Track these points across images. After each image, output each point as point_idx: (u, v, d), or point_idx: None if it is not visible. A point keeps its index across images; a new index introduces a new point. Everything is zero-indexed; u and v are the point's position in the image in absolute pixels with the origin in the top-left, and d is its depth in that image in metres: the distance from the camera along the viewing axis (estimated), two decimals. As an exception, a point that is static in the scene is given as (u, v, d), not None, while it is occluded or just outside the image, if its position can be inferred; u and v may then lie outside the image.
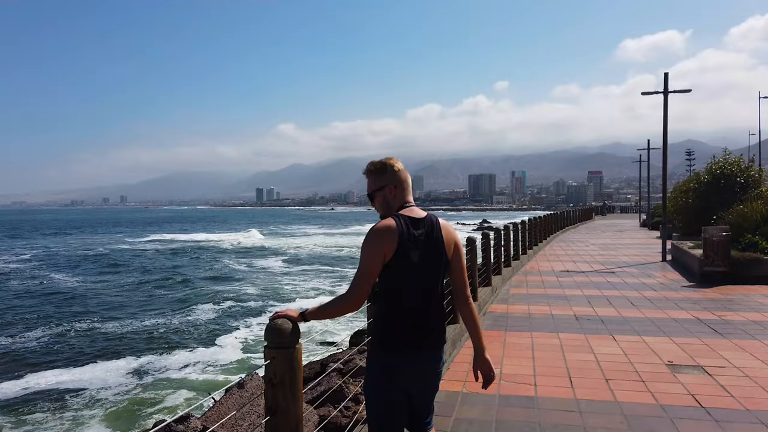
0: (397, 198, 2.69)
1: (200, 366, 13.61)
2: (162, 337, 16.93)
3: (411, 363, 2.58)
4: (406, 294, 2.57)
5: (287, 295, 24.37)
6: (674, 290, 11.09)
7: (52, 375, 12.95)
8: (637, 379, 5.47)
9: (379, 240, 2.50)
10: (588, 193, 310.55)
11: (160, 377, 12.77)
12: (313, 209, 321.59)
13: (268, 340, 2.70)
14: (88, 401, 11.23)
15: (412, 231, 2.55)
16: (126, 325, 18.65)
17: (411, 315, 2.57)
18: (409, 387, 2.62)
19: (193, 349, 15.41)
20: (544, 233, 23.15)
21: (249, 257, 43.01)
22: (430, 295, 2.62)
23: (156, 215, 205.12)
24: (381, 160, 2.77)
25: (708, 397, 4.90)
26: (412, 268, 2.53)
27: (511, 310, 9.21)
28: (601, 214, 63.25)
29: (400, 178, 2.70)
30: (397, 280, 2.55)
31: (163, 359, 14.33)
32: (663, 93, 16.16)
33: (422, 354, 2.60)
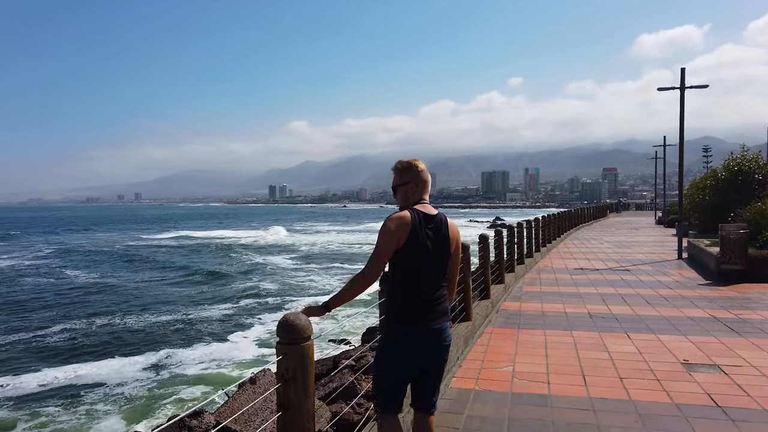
0: (416, 195, 3.10)
1: (215, 361, 13.76)
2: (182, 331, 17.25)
3: (418, 336, 2.95)
4: (415, 277, 2.96)
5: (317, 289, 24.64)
6: (690, 288, 10.96)
7: (71, 369, 13.17)
8: (652, 378, 5.41)
9: (395, 227, 2.90)
10: (603, 190, 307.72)
11: (176, 372, 12.92)
12: (326, 206, 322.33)
13: (281, 336, 2.71)
14: (104, 395, 11.41)
15: (423, 224, 2.96)
16: (149, 320, 18.99)
17: (419, 296, 2.97)
18: (417, 358, 2.99)
19: (209, 343, 15.62)
20: (558, 231, 22.99)
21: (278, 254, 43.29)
22: (436, 280, 3.02)
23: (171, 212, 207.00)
24: (408, 160, 3.18)
25: (724, 397, 4.84)
26: (420, 255, 2.93)
27: (524, 308, 9.16)
28: (616, 211, 62.65)
29: (422, 178, 3.11)
30: (408, 265, 2.94)
31: (180, 354, 14.52)
32: (680, 89, 15.94)
33: (428, 329, 2.96)
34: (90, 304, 22.03)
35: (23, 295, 24.28)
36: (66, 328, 17.72)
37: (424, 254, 2.96)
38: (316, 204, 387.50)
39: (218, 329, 17.44)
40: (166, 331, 17.21)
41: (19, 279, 30.01)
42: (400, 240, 2.90)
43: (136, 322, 18.63)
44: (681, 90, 15.93)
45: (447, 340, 3.05)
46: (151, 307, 21.09)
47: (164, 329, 17.51)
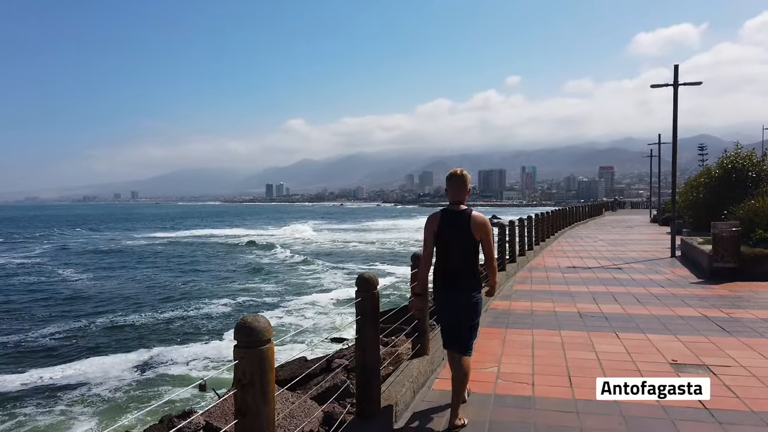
0: (449, 195, 4.31)
1: (207, 360, 13.64)
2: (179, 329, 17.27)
3: (446, 297, 4.24)
4: (443, 256, 4.25)
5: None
6: (682, 287, 10.85)
7: (58, 368, 13.10)
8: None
9: (429, 223, 4.29)
10: (599, 188, 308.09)
11: (163, 371, 12.81)
12: (323, 205, 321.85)
13: (238, 339, 2.57)
14: (86, 395, 11.31)
15: (449, 219, 4.19)
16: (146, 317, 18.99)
17: (445, 269, 4.24)
18: (450, 311, 4.25)
19: (207, 341, 15.59)
20: (552, 229, 22.88)
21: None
22: (458, 259, 4.19)
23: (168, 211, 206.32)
24: (451, 171, 4.38)
25: (712, 399, 4.71)
26: (446, 241, 4.20)
27: (514, 307, 9.03)
28: (612, 209, 62.64)
29: (450, 183, 4.31)
30: (438, 247, 4.26)
31: (173, 352, 14.45)
32: (673, 85, 15.84)
33: (452, 293, 4.21)
34: (92, 303, 21.95)
35: (15, 295, 24.13)
36: (60, 327, 17.60)
37: (448, 241, 4.20)
38: (314, 203, 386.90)
39: (218, 326, 17.38)
40: (168, 328, 17.28)
41: (11, 277, 29.81)
42: (434, 231, 4.22)
43: (134, 319, 18.59)
44: (674, 87, 15.82)
45: (470, 302, 4.18)
46: (150, 306, 20.99)
47: (164, 326, 17.56)
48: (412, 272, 5.07)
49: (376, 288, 4.19)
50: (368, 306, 4.16)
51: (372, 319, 4.18)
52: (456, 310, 4.19)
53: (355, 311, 4.20)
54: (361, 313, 4.17)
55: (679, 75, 15.87)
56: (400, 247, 46.72)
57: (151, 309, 20.41)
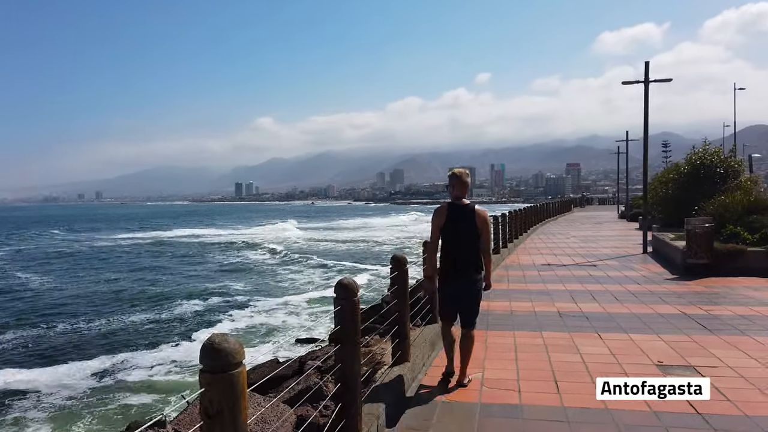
0: (454, 192, 4.89)
1: (174, 365, 13.16)
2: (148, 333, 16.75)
3: (451, 284, 4.91)
4: (449, 246, 4.87)
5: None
6: (658, 283, 10.85)
7: (9, 374, 12.37)
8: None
9: (436, 214, 4.89)
10: (566, 185, 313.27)
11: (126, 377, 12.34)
12: (294, 204, 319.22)
13: (204, 363, 2.24)
14: (39, 403, 10.76)
15: (454, 212, 4.81)
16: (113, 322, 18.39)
17: (451, 258, 4.86)
18: (454, 296, 4.93)
19: (177, 344, 15.10)
20: (524, 226, 22.92)
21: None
22: (463, 248, 4.81)
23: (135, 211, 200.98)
24: (452, 170, 4.99)
25: (704, 403, 4.55)
26: (452, 232, 4.81)
27: (492, 307, 8.83)
28: (580, 206, 63.57)
29: (453, 181, 4.88)
30: (445, 237, 4.87)
31: (139, 356, 13.96)
32: (644, 82, 15.93)
33: (456, 278, 4.87)
34: (52, 309, 21.02)
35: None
36: (16, 333, 16.78)
37: (455, 233, 4.83)
38: (284, 201, 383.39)
39: (188, 328, 16.89)
40: (137, 332, 16.77)
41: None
42: (440, 223, 4.85)
43: (101, 325, 17.93)
44: (645, 84, 15.92)
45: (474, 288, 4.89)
46: (118, 310, 20.21)
47: (133, 330, 17.04)
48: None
49: (357, 295, 3.89)
50: (348, 314, 3.86)
51: (352, 329, 3.88)
52: (462, 293, 4.92)
53: (334, 321, 3.90)
54: (339, 322, 3.87)
55: (649, 72, 15.97)
56: (377, 247, 46.38)
57: (119, 313, 19.70)
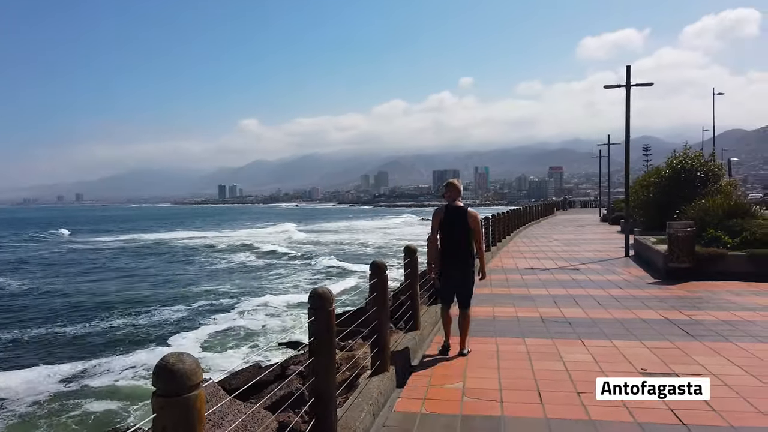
0: (447, 196, 6.05)
1: (146, 369, 12.87)
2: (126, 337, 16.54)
3: (449, 270, 6.09)
4: (446, 241, 6.03)
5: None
6: (640, 288, 10.82)
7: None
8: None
9: (436, 214, 6.09)
10: (549, 188, 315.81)
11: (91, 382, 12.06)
12: (277, 206, 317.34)
13: (157, 386, 2.05)
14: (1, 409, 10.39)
15: (451, 213, 5.98)
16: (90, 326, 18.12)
17: (448, 250, 6.02)
18: (452, 281, 6.14)
19: (153, 349, 14.79)
20: (508, 229, 22.91)
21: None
22: (458, 242, 5.99)
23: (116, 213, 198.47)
24: (447, 181, 6.14)
25: (689, 413, 4.46)
26: (448, 229, 5.98)
27: (474, 312, 8.61)
28: (563, 209, 64.01)
29: (448, 189, 6.05)
30: (443, 234, 6.03)
31: (113, 361, 13.70)
32: (626, 86, 15.98)
33: (453, 266, 6.05)
34: (27, 313, 20.56)
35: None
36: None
37: (450, 230, 6.00)
38: (268, 204, 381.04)
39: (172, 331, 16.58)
40: (115, 336, 16.44)
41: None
42: (439, 221, 6.04)
43: (79, 328, 17.57)
44: (627, 88, 15.98)
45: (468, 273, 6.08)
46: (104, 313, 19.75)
47: (111, 334, 16.74)
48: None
49: (332, 305, 3.72)
50: (322, 325, 3.69)
51: (327, 340, 3.71)
52: (458, 278, 6.13)
53: (308, 331, 3.73)
54: (314, 333, 3.69)
55: (630, 76, 16.02)
56: (362, 248, 46.10)
57: (95, 317, 19.30)
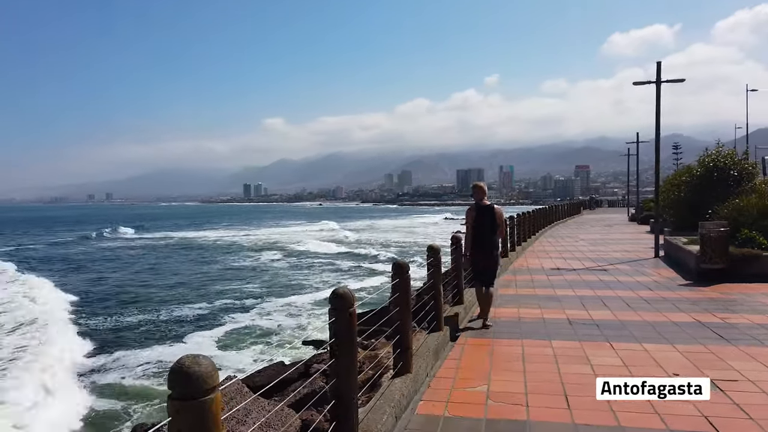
0: (475, 197, 7.77)
1: (160, 365, 13.09)
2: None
3: (478, 257, 7.63)
4: (477, 234, 7.59)
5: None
6: (671, 289, 10.52)
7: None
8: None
9: (469, 212, 7.75)
10: (575, 187, 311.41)
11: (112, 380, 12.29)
12: (302, 205, 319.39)
13: (173, 389, 2.00)
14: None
15: (480, 210, 7.62)
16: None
17: (479, 241, 7.58)
18: (480, 265, 7.66)
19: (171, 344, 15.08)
20: (533, 229, 22.58)
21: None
22: (484, 234, 7.55)
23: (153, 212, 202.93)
24: (474, 183, 7.93)
25: (724, 420, 4.27)
26: (479, 224, 7.56)
27: (499, 314, 8.56)
28: (589, 208, 62.97)
29: (475, 191, 7.78)
30: (476, 229, 7.59)
31: (130, 356, 13.88)
32: (656, 83, 15.58)
33: (482, 253, 7.59)
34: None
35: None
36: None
37: (481, 225, 7.52)
38: (292, 202, 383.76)
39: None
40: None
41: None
42: (472, 218, 7.60)
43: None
44: (657, 84, 15.56)
45: (493, 257, 7.69)
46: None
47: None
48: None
49: (353, 306, 3.65)
50: (343, 326, 3.62)
51: (348, 342, 3.64)
52: (486, 263, 7.64)
53: (329, 332, 3.66)
54: (334, 334, 3.63)
55: (661, 72, 15.62)
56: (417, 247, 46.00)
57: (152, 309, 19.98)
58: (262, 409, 6.11)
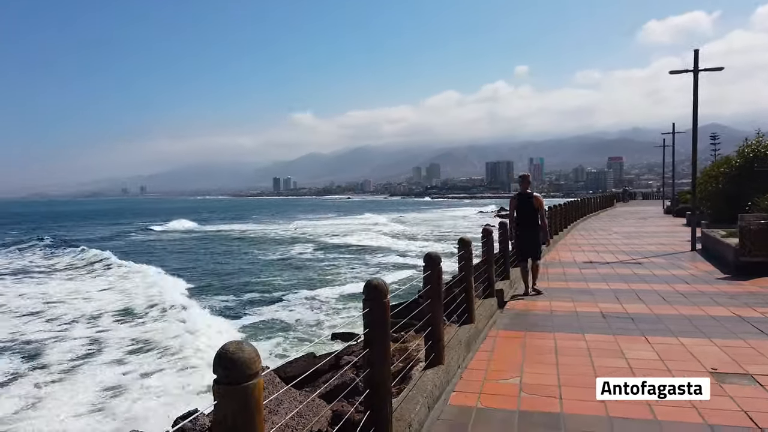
0: (521, 187, 9.47)
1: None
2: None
3: (522, 235, 9.40)
4: (520, 219, 9.39)
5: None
6: (708, 283, 10.27)
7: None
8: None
9: (512, 200, 9.52)
10: (608, 179, 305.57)
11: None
12: (330, 198, 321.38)
13: (218, 374, 2.07)
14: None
15: (522, 199, 9.36)
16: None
17: (521, 222, 9.40)
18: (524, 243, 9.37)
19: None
20: (565, 221, 22.29)
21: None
22: (528, 220, 9.36)
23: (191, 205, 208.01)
24: (521, 174, 9.96)
25: (764, 416, 4.18)
26: (521, 209, 9.37)
27: (531, 307, 8.51)
28: (623, 200, 61.73)
29: (521, 179, 9.70)
30: (518, 215, 9.40)
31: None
32: (693, 71, 15.16)
33: (524, 232, 9.38)
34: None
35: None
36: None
37: (522, 211, 9.33)
38: (321, 196, 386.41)
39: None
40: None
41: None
42: (514, 206, 9.39)
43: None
44: (695, 73, 15.14)
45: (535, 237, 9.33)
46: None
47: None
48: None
49: (387, 296, 3.69)
50: (377, 317, 3.67)
51: (382, 332, 3.69)
52: (529, 243, 9.28)
53: (363, 322, 3.71)
54: (369, 324, 3.68)
55: (699, 61, 15.19)
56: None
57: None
58: (294, 400, 6.23)
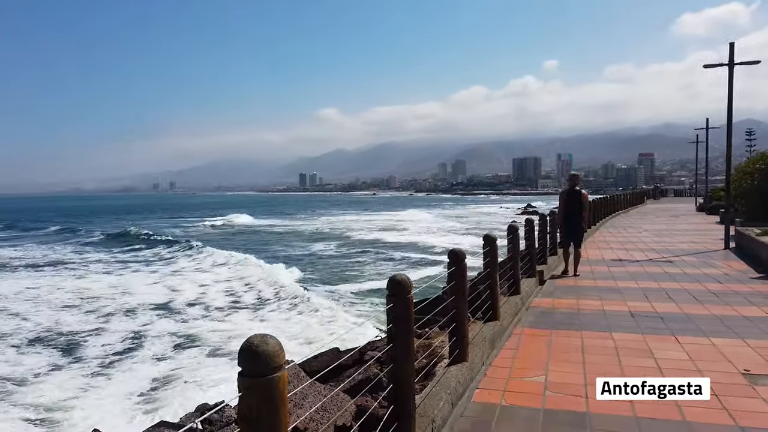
0: (570, 184, 11.29)
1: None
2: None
3: (568, 227, 11.18)
4: (568, 211, 11.14)
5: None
6: (742, 282, 10.01)
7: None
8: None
9: (562, 195, 11.34)
10: (638, 175, 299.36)
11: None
12: (356, 194, 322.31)
13: (243, 366, 2.11)
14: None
15: (571, 195, 11.10)
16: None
17: (568, 215, 11.16)
18: (570, 231, 11.16)
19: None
20: (593, 218, 21.93)
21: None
22: (572, 211, 11.08)
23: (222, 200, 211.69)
24: (571, 173, 11.97)
25: (800, 421, 4.07)
26: (570, 204, 11.11)
27: (558, 305, 8.41)
28: (654, 197, 60.47)
29: (571, 178, 11.53)
30: (566, 210, 11.15)
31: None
32: (728, 65, 14.74)
33: (570, 223, 11.14)
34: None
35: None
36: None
37: (570, 206, 11.07)
38: (346, 192, 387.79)
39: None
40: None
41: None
42: (564, 201, 11.15)
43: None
44: (730, 66, 14.72)
45: (579, 227, 11.12)
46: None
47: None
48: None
49: (410, 292, 3.70)
50: (401, 312, 3.67)
51: (406, 327, 3.69)
52: (573, 231, 11.01)
53: (387, 318, 3.72)
54: (393, 320, 3.69)
55: (734, 54, 14.76)
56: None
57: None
58: (318, 394, 6.28)
